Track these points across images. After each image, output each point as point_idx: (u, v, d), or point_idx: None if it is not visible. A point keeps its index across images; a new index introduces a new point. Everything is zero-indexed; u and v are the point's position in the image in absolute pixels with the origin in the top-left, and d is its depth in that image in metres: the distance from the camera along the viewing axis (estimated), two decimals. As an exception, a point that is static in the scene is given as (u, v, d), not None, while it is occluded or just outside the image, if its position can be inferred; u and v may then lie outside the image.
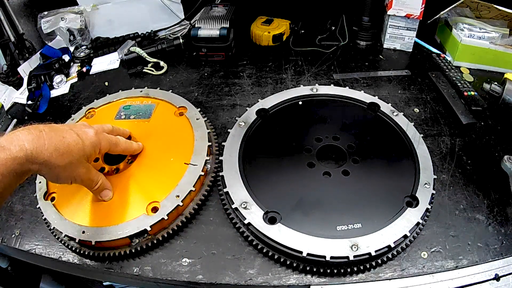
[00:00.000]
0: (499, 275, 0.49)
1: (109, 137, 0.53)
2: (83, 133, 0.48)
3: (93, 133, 0.50)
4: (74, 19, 0.97)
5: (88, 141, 0.48)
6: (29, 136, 0.42)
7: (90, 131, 0.50)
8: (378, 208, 0.54)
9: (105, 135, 0.52)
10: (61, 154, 0.44)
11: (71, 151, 0.45)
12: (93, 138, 0.49)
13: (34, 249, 0.56)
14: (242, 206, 0.54)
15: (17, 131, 0.43)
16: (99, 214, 0.54)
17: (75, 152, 0.46)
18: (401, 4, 0.85)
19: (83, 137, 0.48)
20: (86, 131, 0.49)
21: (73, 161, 0.46)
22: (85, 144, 0.47)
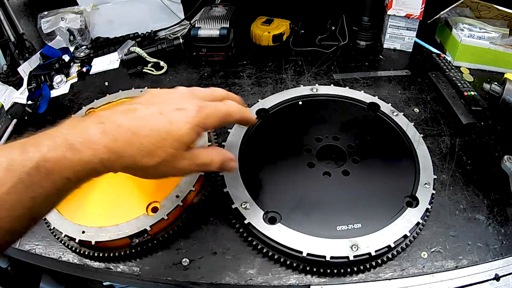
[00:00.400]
0: (499, 275, 0.49)
1: (219, 109, 0.40)
2: (178, 115, 0.36)
3: (194, 112, 0.37)
4: (74, 19, 0.97)
5: (186, 126, 0.36)
6: (105, 138, 0.34)
7: (190, 110, 0.37)
8: (378, 208, 0.54)
9: (212, 107, 0.39)
10: (148, 154, 0.35)
11: (161, 147, 0.35)
12: (193, 120, 0.37)
13: (34, 249, 0.56)
14: (242, 206, 0.54)
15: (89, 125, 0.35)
16: (99, 214, 0.54)
17: (168, 146, 0.36)
18: (401, 4, 0.85)
19: (179, 123, 0.36)
20: (184, 112, 0.37)
21: (167, 158, 0.36)
22: (181, 131, 0.36)
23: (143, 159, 0.35)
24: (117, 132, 0.34)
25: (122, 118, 0.36)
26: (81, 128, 0.34)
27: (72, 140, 0.33)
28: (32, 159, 0.31)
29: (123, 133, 0.34)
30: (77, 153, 0.33)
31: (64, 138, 0.33)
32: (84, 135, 0.34)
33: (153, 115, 0.36)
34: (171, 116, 0.36)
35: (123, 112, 0.36)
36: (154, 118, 0.36)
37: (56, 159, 0.32)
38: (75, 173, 0.33)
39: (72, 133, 0.34)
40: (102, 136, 0.34)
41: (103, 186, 0.57)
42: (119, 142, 0.34)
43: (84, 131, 0.34)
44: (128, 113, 0.36)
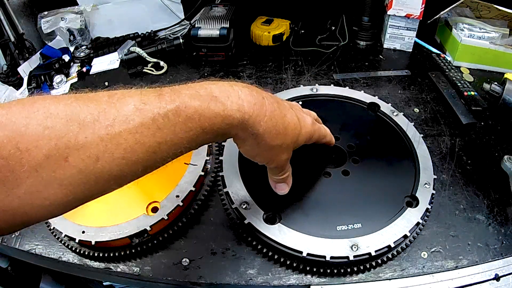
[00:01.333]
0: (499, 275, 0.49)
1: (322, 129, 0.48)
2: (302, 118, 0.42)
3: (310, 122, 0.44)
4: (74, 19, 0.97)
5: (305, 129, 0.42)
6: (251, 98, 0.35)
7: (308, 119, 0.43)
8: (378, 208, 0.54)
9: (319, 126, 0.47)
10: (276, 134, 0.37)
11: (287, 134, 0.38)
12: (309, 128, 0.43)
13: (34, 249, 0.56)
14: (242, 206, 0.54)
15: (234, 85, 0.35)
16: (99, 214, 0.54)
17: (290, 137, 0.39)
18: (401, 4, 0.85)
19: (302, 123, 0.41)
20: (304, 117, 0.43)
21: (283, 145, 0.39)
22: (301, 131, 0.41)
23: (271, 136, 0.37)
24: (262, 103, 0.36)
25: (265, 92, 0.37)
26: (224, 86, 0.34)
27: (216, 94, 0.33)
28: (172, 102, 0.31)
29: (267, 105, 0.36)
30: (221, 105, 0.33)
31: (207, 90, 0.33)
32: (229, 92, 0.34)
33: (287, 107, 0.40)
34: (298, 116, 0.41)
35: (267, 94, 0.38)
36: (288, 109, 0.39)
37: (199, 107, 0.32)
38: (212, 126, 0.33)
39: (216, 88, 0.34)
40: (249, 98, 0.34)
41: (103, 186, 0.57)
42: (262, 110, 0.35)
43: (228, 89, 0.34)
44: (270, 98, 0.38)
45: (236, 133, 0.36)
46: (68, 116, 0.27)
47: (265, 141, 0.37)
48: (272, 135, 0.37)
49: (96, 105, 0.28)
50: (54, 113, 0.27)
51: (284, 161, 0.44)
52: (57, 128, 0.26)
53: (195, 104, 0.32)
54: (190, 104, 0.31)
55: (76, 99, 0.29)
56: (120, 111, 0.28)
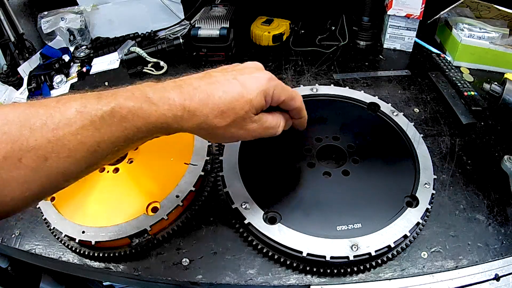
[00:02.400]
0: (499, 275, 0.49)
1: (286, 87, 0.43)
2: (251, 80, 0.40)
3: (265, 79, 0.41)
4: (74, 19, 0.97)
5: (256, 90, 0.39)
6: (181, 97, 0.36)
7: (261, 76, 0.41)
8: (378, 208, 0.54)
9: (281, 83, 0.43)
10: (220, 113, 0.37)
11: (233, 108, 0.37)
12: (263, 86, 0.40)
13: (34, 249, 0.56)
14: (242, 206, 0.54)
15: (167, 85, 0.37)
16: (99, 214, 0.54)
17: (239, 108, 0.38)
18: (401, 4, 0.85)
19: (250, 86, 0.39)
20: (256, 77, 0.40)
21: (237, 119, 0.38)
22: (251, 95, 0.39)
23: (215, 119, 0.37)
24: (193, 93, 0.37)
25: (198, 82, 0.38)
26: (159, 87, 0.37)
27: (150, 95, 0.36)
28: (108, 104, 0.34)
29: (199, 94, 0.37)
30: (154, 106, 0.35)
31: (142, 92, 0.36)
32: (162, 92, 0.36)
33: (227, 80, 0.39)
34: (244, 81, 0.39)
35: (199, 77, 0.39)
36: (228, 82, 0.39)
37: (133, 107, 0.34)
38: (147, 124, 0.35)
39: (150, 89, 0.36)
40: (179, 95, 0.36)
41: (103, 186, 0.58)
42: (194, 101, 0.37)
43: (162, 89, 0.37)
44: (204, 78, 0.39)
45: (177, 128, 0.37)
46: (22, 121, 0.31)
47: (212, 125, 0.38)
48: (215, 117, 0.37)
49: (45, 110, 0.32)
50: (11, 119, 0.31)
51: (259, 129, 0.42)
52: (12, 133, 0.30)
53: (129, 105, 0.34)
54: (125, 105, 0.34)
55: (30, 106, 0.32)
56: (64, 115, 0.32)
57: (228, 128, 0.39)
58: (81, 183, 0.58)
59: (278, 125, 0.44)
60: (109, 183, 0.58)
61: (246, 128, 0.40)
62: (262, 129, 0.42)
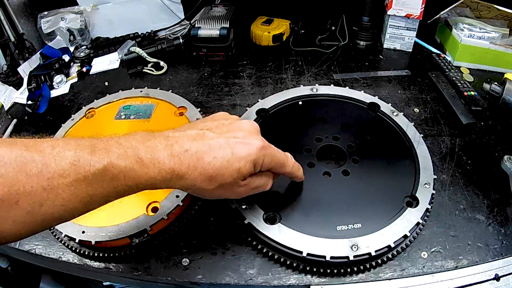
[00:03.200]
0: (499, 275, 0.49)
1: (277, 155, 0.45)
2: (242, 148, 0.40)
3: (256, 148, 0.41)
4: (74, 19, 0.97)
5: (246, 159, 0.40)
6: (171, 160, 0.37)
7: (253, 144, 0.41)
8: (378, 208, 0.54)
9: (272, 151, 0.43)
10: (208, 178, 0.38)
11: (222, 174, 0.38)
12: (253, 155, 0.40)
13: (34, 249, 0.56)
14: (242, 206, 0.54)
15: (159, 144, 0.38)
16: (99, 214, 0.54)
17: (227, 175, 0.39)
18: (401, 4, 0.85)
19: (240, 154, 0.39)
20: (247, 143, 0.40)
21: (225, 184, 0.39)
22: (240, 163, 0.39)
23: (203, 183, 0.38)
24: (184, 156, 0.38)
25: (190, 143, 0.39)
26: (151, 146, 0.38)
27: (142, 155, 0.36)
28: (101, 161, 0.35)
29: (189, 158, 0.38)
30: (145, 168, 0.36)
31: (134, 151, 0.37)
32: (154, 153, 0.37)
33: (219, 144, 0.39)
34: (234, 147, 0.40)
35: (192, 136, 0.40)
36: (219, 147, 0.39)
37: (124, 168, 0.35)
38: (137, 184, 0.37)
39: (142, 148, 0.37)
40: (170, 158, 0.37)
41: (103, 186, 0.57)
42: (183, 166, 0.37)
43: (154, 149, 0.37)
44: (197, 139, 0.39)
45: (166, 187, 0.38)
46: (18, 166, 0.32)
47: (200, 188, 0.39)
48: (204, 181, 0.38)
49: (40, 157, 0.33)
50: (7, 161, 0.32)
51: (247, 190, 0.43)
52: (10, 176, 0.31)
53: (120, 165, 0.35)
54: (117, 164, 0.35)
55: (26, 149, 0.33)
56: (58, 165, 0.33)
57: (216, 191, 0.40)
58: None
59: (266, 184, 0.46)
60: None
61: (233, 191, 0.42)
62: (249, 190, 0.44)
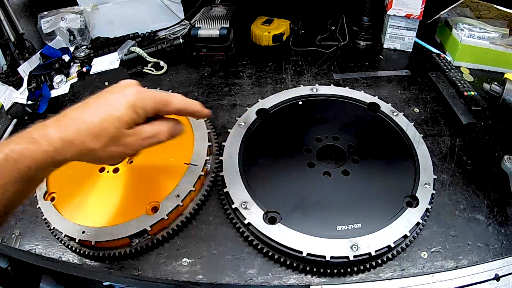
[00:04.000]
0: (499, 275, 0.49)
1: (158, 94, 0.44)
2: (118, 98, 0.41)
3: (132, 92, 0.42)
4: (74, 19, 0.97)
5: (125, 106, 0.40)
6: (58, 130, 0.39)
7: (129, 91, 0.42)
8: (378, 208, 0.54)
9: (150, 92, 0.43)
10: (95, 136, 0.39)
11: (105, 128, 0.39)
12: (130, 100, 0.41)
13: (34, 249, 0.56)
14: (242, 206, 0.54)
15: (48, 122, 0.40)
16: (99, 214, 0.54)
17: (110, 127, 0.39)
18: (401, 4, 0.85)
19: (117, 104, 0.40)
20: (123, 93, 0.42)
21: (112, 138, 0.40)
22: (121, 111, 0.40)
23: (92, 143, 0.39)
24: (69, 124, 0.40)
25: (74, 111, 0.41)
26: (41, 125, 0.40)
27: (33, 134, 0.39)
28: (3, 151, 0.38)
29: (73, 123, 0.40)
30: (37, 144, 0.38)
31: (28, 134, 0.40)
32: (43, 130, 0.40)
33: (98, 102, 0.41)
34: (111, 100, 0.41)
35: (77, 106, 0.42)
36: (98, 105, 0.41)
37: (20, 150, 0.38)
38: (35, 162, 0.38)
39: (35, 129, 0.40)
40: (56, 129, 0.40)
41: (103, 186, 0.58)
42: (70, 131, 0.39)
43: (44, 127, 0.40)
44: (80, 107, 0.42)
45: (62, 159, 0.40)
46: None
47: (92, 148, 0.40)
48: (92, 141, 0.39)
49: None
50: None
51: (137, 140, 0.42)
52: None
53: (18, 148, 0.38)
54: (15, 148, 0.38)
55: None
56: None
57: (107, 148, 0.40)
58: (81, 183, 0.58)
59: (159, 132, 0.44)
60: (109, 183, 0.58)
61: (124, 144, 0.41)
62: (141, 141, 0.42)
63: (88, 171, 0.60)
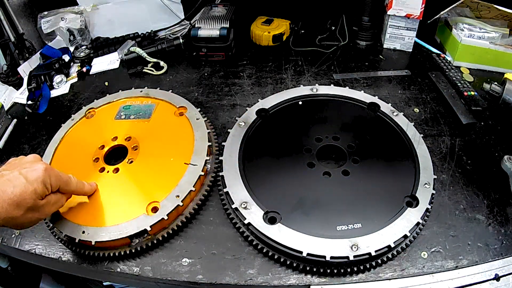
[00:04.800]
0: (499, 275, 0.49)
1: (60, 175, 0.51)
2: (30, 173, 0.47)
3: (41, 169, 0.48)
4: (74, 19, 0.97)
5: (37, 181, 0.47)
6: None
7: (38, 168, 0.48)
8: (378, 208, 0.54)
9: (55, 172, 0.50)
10: (16, 205, 0.44)
11: (24, 198, 0.45)
12: (41, 176, 0.47)
13: (34, 249, 0.56)
14: (242, 206, 0.54)
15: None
16: (99, 214, 0.54)
17: (29, 198, 0.46)
18: (401, 4, 0.85)
19: (31, 179, 0.47)
20: (34, 169, 0.48)
21: (30, 207, 0.46)
22: (35, 186, 0.46)
23: (14, 211, 0.45)
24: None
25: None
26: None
27: None
28: None
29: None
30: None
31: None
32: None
33: (14, 176, 0.46)
34: (27, 175, 0.47)
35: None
36: (15, 178, 0.46)
37: None
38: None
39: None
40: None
41: (103, 186, 0.58)
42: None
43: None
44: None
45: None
46: None
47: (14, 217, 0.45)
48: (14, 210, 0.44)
49: None
50: None
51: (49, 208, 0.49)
52: None
53: None
54: None
55: None
56: None
57: (27, 215, 0.46)
58: (81, 183, 0.58)
59: (60, 200, 0.51)
60: (109, 183, 0.58)
61: (40, 211, 0.48)
62: (51, 206, 0.50)
63: (88, 171, 0.60)
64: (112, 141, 0.65)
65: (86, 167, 0.61)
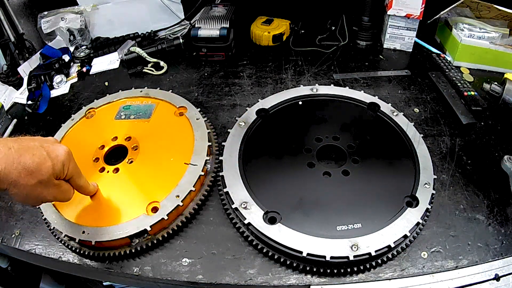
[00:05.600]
0: (499, 275, 0.49)
1: (76, 165, 0.50)
2: (54, 150, 0.46)
3: (64, 150, 0.47)
4: (74, 19, 0.97)
5: (58, 159, 0.46)
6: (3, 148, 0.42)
7: (61, 149, 0.47)
8: (378, 208, 0.54)
9: (74, 160, 0.49)
10: (30, 173, 0.43)
11: (40, 170, 0.44)
12: (63, 156, 0.46)
13: (34, 249, 0.56)
14: (242, 206, 0.54)
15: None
16: (99, 214, 0.54)
17: (44, 171, 0.44)
18: (401, 4, 0.85)
19: (53, 155, 0.46)
20: (57, 148, 0.47)
21: (43, 181, 0.44)
22: (54, 162, 0.45)
23: (25, 178, 0.43)
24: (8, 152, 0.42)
25: (12, 142, 0.44)
26: None
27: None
28: None
29: (13, 152, 0.43)
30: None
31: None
32: None
33: (35, 146, 0.45)
34: (49, 149, 0.46)
35: (12, 140, 0.45)
36: (36, 148, 0.45)
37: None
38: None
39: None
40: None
41: (103, 186, 0.58)
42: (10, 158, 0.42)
43: None
44: (17, 141, 0.45)
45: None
46: None
47: (23, 184, 0.43)
48: (26, 176, 0.43)
49: None
50: None
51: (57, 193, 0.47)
52: None
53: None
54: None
55: None
56: None
57: (36, 188, 0.44)
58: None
59: (69, 191, 0.50)
60: (109, 183, 0.58)
61: (49, 191, 0.46)
62: (59, 192, 0.48)
63: (88, 171, 0.60)
64: (112, 141, 0.65)
65: (86, 167, 0.61)
